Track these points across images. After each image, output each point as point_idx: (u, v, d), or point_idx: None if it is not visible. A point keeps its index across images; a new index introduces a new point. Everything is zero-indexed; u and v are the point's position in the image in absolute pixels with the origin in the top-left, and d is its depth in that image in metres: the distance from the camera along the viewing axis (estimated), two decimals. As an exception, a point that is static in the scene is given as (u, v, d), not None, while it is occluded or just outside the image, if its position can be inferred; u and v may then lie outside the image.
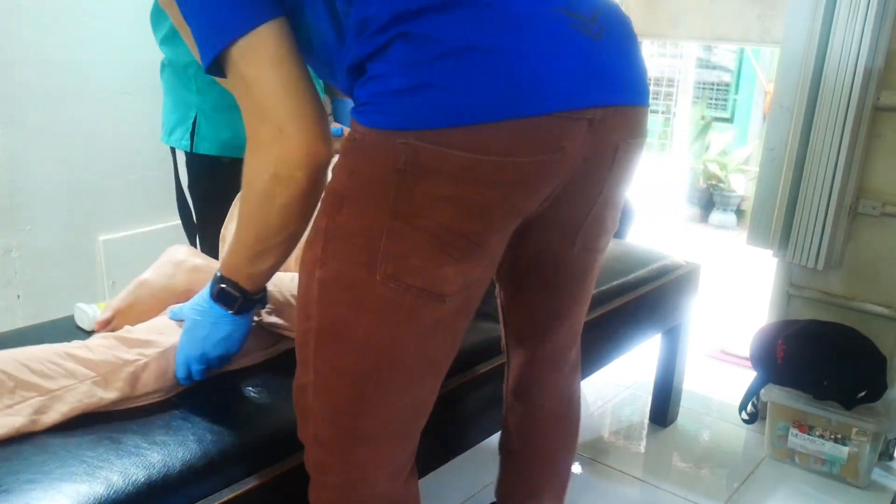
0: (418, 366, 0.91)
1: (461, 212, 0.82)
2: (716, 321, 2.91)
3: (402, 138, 0.78)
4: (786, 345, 1.90)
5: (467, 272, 0.86)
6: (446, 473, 1.46)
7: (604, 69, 0.86)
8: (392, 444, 0.94)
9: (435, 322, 0.87)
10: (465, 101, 0.77)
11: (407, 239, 0.82)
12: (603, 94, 0.85)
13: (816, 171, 1.91)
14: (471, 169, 0.79)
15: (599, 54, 0.85)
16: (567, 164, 0.86)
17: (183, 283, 1.23)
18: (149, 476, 0.92)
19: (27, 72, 1.78)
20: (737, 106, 5.57)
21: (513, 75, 0.77)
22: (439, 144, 0.77)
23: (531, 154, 0.81)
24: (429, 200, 0.80)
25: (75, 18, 1.85)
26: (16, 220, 1.82)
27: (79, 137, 1.90)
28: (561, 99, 0.80)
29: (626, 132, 0.92)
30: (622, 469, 1.91)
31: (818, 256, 1.95)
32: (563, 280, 1.08)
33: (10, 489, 0.86)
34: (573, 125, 0.83)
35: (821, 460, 1.89)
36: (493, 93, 0.77)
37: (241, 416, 1.07)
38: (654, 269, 1.88)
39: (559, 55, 0.81)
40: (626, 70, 0.90)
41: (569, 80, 0.81)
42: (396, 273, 0.83)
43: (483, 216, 0.83)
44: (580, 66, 0.82)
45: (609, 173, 0.94)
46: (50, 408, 0.99)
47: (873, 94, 1.87)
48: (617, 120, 0.89)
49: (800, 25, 1.89)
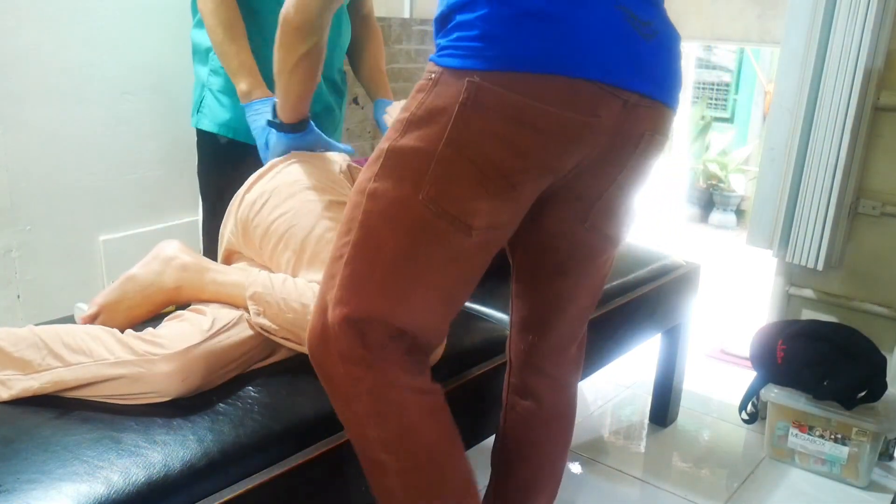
0: (436, 287, 0.98)
1: (506, 149, 0.93)
2: (716, 321, 2.91)
3: (469, 76, 0.91)
4: (786, 345, 1.90)
5: (496, 212, 0.97)
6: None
7: (646, 64, 0.98)
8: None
9: (457, 252, 0.97)
10: (525, 53, 0.90)
11: (453, 166, 0.93)
12: (642, 83, 0.97)
13: (816, 171, 1.92)
14: (520, 111, 0.91)
15: (646, 52, 0.97)
16: (598, 136, 0.97)
17: (171, 280, 1.24)
18: (149, 476, 0.92)
19: (27, 72, 1.78)
20: (737, 106, 5.57)
21: (568, 41, 0.91)
22: (497, 85, 0.90)
23: (571, 110, 0.93)
24: (479, 134, 0.92)
25: (75, 18, 1.85)
26: (16, 220, 1.81)
27: (79, 137, 1.90)
28: (605, 71, 0.93)
29: (653, 125, 1.02)
30: (622, 469, 1.91)
31: (818, 256, 1.95)
32: (574, 261, 1.14)
33: (10, 489, 0.86)
34: (610, 98, 0.94)
35: (821, 460, 1.89)
36: (549, 51, 0.91)
37: (241, 415, 1.07)
38: (654, 269, 1.88)
39: (611, 39, 0.93)
40: (666, 73, 1.02)
41: (614, 59, 0.94)
42: (437, 197, 0.93)
43: (524, 158, 0.95)
44: (626, 53, 0.95)
45: (630, 159, 1.04)
46: (66, 379, 1.06)
47: (873, 94, 1.87)
48: (648, 111, 1.00)
49: (800, 25, 1.89)
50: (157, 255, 1.27)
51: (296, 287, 1.19)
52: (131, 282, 1.24)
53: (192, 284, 1.24)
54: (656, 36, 0.98)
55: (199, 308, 1.21)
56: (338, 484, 1.11)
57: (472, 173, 0.93)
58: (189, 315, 1.19)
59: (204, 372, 1.10)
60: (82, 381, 1.06)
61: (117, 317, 1.22)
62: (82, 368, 1.06)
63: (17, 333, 1.10)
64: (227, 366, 1.14)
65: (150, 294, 1.24)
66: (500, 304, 1.53)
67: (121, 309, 1.23)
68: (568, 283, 1.16)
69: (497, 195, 0.95)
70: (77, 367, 1.06)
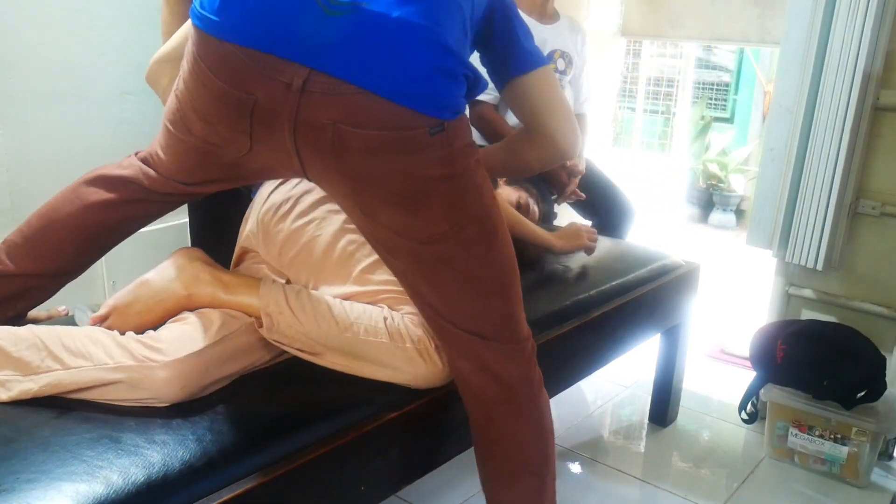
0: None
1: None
2: (716, 321, 2.91)
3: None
4: (785, 345, 1.90)
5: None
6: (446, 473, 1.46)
7: (325, 40, 0.94)
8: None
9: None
10: (205, 12, 0.99)
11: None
12: (310, 58, 0.94)
13: (816, 171, 1.91)
14: (196, 71, 1.01)
15: (328, 28, 0.93)
16: (262, 118, 1.03)
17: (184, 287, 1.22)
18: (148, 475, 0.92)
19: (27, 72, 1.78)
20: (737, 106, 5.57)
21: (229, 4, 0.95)
22: (192, 43, 1.02)
23: (223, 79, 1.00)
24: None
25: (75, 18, 1.85)
26: (16, 220, 1.81)
27: (79, 137, 1.90)
28: (253, 37, 0.95)
29: (342, 115, 0.99)
30: (622, 469, 1.91)
31: (818, 256, 1.95)
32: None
33: (10, 489, 0.86)
34: (262, 75, 0.98)
35: (820, 460, 1.89)
36: (214, 8, 0.96)
37: (241, 415, 1.07)
38: (653, 269, 1.88)
39: (273, 7, 0.94)
40: (364, 53, 0.97)
41: (270, 27, 0.94)
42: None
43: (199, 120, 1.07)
44: (291, 24, 0.94)
45: (327, 157, 1.05)
46: (64, 383, 1.06)
47: (873, 94, 1.87)
48: (330, 98, 0.98)
49: (800, 25, 1.89)
50: (173, 262, 1.25)
51: (310, 300, 1.18)
52: (144, 286, 1.22)
53: (206, 293, 1.22)
54: (353, 14, 0.92)
55: (208, 312, 1.19)
56: (337, 484, 1.11)
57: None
58: (193, 318, 1.17)
59: (204, 379, 1.09)
60: (81, 384, 1.06)
61: (128, 320, 1.19)
62: (81, 372, 1.05)
63: (17, 333, 1.09)
64: (228, 372, 1.14)
65: (161, 300, 1.21)
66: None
67: (131, 313, 1.20)
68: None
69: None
70: (76, 371, 1.06)
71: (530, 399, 1.15)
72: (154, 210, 1.24)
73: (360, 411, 1.15)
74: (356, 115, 0.94)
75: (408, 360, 1.18)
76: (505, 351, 1.11)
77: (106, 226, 1.22)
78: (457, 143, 0.99)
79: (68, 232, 1.20)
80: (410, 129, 0.95)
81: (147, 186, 1.18)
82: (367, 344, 1.17)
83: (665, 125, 4.82)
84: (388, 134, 0.95)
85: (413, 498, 1.70)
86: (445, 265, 1.06)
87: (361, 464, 1.14)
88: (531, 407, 1.15)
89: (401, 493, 1.66)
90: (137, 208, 1.21)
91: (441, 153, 0.98)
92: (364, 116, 0.94)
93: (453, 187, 1.01)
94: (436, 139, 0.97)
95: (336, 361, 1.19)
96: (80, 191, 1.20)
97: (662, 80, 4.74)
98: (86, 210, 1.19)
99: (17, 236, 1.21)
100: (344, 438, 1.10)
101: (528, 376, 1.15)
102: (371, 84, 0.92)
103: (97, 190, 1.19)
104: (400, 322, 1.19)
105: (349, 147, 0.96)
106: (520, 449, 1.16)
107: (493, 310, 1.11)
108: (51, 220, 1.20)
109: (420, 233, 1.03)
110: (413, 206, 1.01)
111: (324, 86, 0.93)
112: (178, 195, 1.21)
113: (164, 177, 1.17)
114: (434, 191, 1.00)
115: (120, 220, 1.22)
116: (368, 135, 0.95)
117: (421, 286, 1.11)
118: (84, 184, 1.21)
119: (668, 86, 4.70)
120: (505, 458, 1.17)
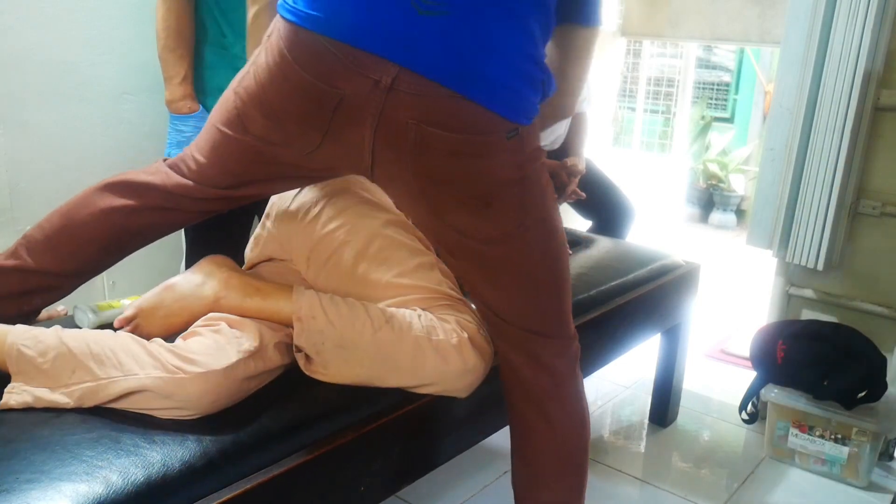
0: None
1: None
2: (716, 321, 2.91)
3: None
4: (786, 345, 1.90)
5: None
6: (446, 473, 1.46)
7: (415, 40, 0.95)
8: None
9: None
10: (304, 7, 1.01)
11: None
12: (403, 55, 0.95)
13: (816, 171, 1.91)
14: (281, 63, 1.03)
15: (420, 27, 0.94)
16: (345, 114, 1.04)
17: (211, 292, 1.19)
18: (148, 475, 0.92)
19: (27, 72, 1.78)
20: (737, 106, 5.57)
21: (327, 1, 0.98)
22: (278, 35, 1.04)
23: (310, 72, 1.02)
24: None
25: (75, 18, 1.85)
26: (16, 219, 1.81)
27: (79, 137, 1.90)
28: (349, 34, 0.95)
29: (422, 115, 1.00)
30: (622, 469, 1.91)
31: (818, 256, 1.95)
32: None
33: (9, 489, 0.86)
34: (354, 71, 0.98)
35: (821, 460, 1.89)
36: (311, 4, 0.98)
37: (241, 416, 1.07)
38: (653, 269, 1.88)
39: (368, 5, 0.94)
40: (451, 55, 0.98)
41: (365, 25, 0.95)
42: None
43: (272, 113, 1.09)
44: (387, 23, 0.94)
45: (409, 156, 1.06)
46: (96, 394, 1.03)
47: (873, 94, 1.87)
48: (413, 98, 0.99)
49: (800, 25, 1.89)
50: (201, 268, 1.22)
51: (344, 302, 1.17)
52: (169, 290, 1.19)
53: (234, 298, 1.19)
54: (446, 16, 0.92)
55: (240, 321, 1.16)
56: (337, 484, 1.11)
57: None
58: (225, 327, 1.13)
59: (235, 393, 1.07)
60: (112, 396, 1.03)
61: (154, 323, 1.17)
62: (112, 384, 1.03)
63: (44, 341, 1.06)
64: (259, 385, 1.12)
65: (187, 304, 1.18)
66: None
67: (157, 316, 1.18)
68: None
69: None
70: (106, 383, 1.03)
71: (577, 395, 1.19)
72: (179, 219, 1.23)
73: (360, 411, 1.15)
74: (442, 116, 0.95)
75: (442, 359, 1.16)
76: (556, 346, 1.15)
77: (128, 231, 1.20)
78: (528, 148, 1.02)
79: (90, 234, 1.18)
80: (492, 133, 0.97)
81: (173, 194, 1.16)
82: (401, 342, 1.15)
83: (665, 125, 4.82)
84: (471, 137, 0.97)
85: (413, 498, 1.70)
86: (507, 265, 1.09)
87: (361, 464, 1.14)
88: (578, 403, 1.19)
89: (401, 493, 1.66)
90: (160, 216, 1.20)
91: (514, 157, 1.00)
92: (450, 119, 0.95)
93: (522, 190, 1.04)
94: (511, 143, 0.99)
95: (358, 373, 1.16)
96: (102, 194, 1.18)
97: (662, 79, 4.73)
98: (107, 214, 1.17)
99: (38, 232, 1.20)
100: (344, 438, 1.09)
101: (575, 372, 1.18)
102: (461, 87, 0.93)
103: (120, 195, 1.17)
104: (433, 319, 1.18)
105: (431, 148, 0.97)
106: (566, 445, 1.19)
107: (548, 308, 1.13)
108: (72, 221, 1.19)
109: (486, 233, 1.05)
110: (483, 207, 1.02)
111: (412, 85, 0.93)
112: (207, 201, 1.19)
113: (198, 183, 1.15)
114: (504, 193, 1.02)
115: (143, 226, 1.21)
116: (452, 137, 0.96)
117: (480, 285, 1.12)
118: (107, 187, 1.19)
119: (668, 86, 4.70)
120: (552, 455, 1.19)
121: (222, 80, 1.72)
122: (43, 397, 1.04)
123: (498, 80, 0.95)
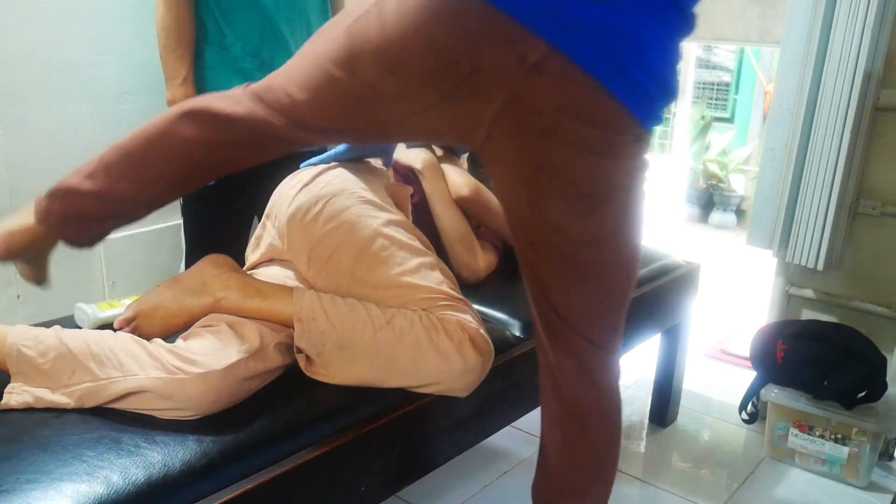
0: None
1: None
2: (716, 321, 2.91)
3: None
4: (786, 345, 1.90)
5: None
6: (446, 473, 1.46)
7: (579, 23, 0.88)
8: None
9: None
10: None
11: None
12: (560, 35, 0.89)
13: (816, 171, 1.91)
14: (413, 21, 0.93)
15: (587, 12, 0.88)
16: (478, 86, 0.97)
17: (212, 294, 1.19)
18: (149, 476, 0.92)
19: (27, 72, 1.79)
20: (737, 106, 5.57)
21: None
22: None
23: (446, 32, 0.93)
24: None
25: (75, 18, 1.85)
26: (16, 219, 1.81)
27: (79, 137, 1.90)
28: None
29: (566, 102, 0.95)
30: (622, 469, 1.91)
31: (818, 256, 1.95)
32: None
33: (10, 489, 0.86)
34: (502, 42, 0.91)
35: (821, 460, 1.89)
36: None
37: (241, 416, 1.07)
38: (653, 269, 1.88)
39: None
40: (612, 45, 0.93)
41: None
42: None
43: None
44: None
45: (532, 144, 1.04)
46: (96, 394, 1.04)
47: (873, 94, 1.87)
48: (558, 81, 0.94)
49: (800, 25, 1.89)
50: (201, 269, 1.22)
51: (345, 302, 1.17)
52: (170, 291, 1.20)
53: (234, 299, 1.19)
54: (608, 6, 0.85)
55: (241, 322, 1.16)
56: (337, 484, 1.11)
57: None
58: (225, 328, 1.14)
59: (235, 394, 1.07)
60: (112, 396, 1.03)
61: (154, 324, 1.17)
62: (112, 385, 1.03)
63: (44, 341, 1.06)
64: (259, 385, 1.12)
65: (187, 305, 1.19)
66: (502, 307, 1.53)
67: (157, 317, 1.18)
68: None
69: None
70: (107, 384, 1.03)
71: (618, 411, 1.17)
72: (257, 156, 1.11)
73: (360, 411, 1.15)
74: (584, 108, 0.89)
75: (442, 359, 1.16)
76: (608, 361, 1.12)
77: (205, 166, 1.11)
78: (643, 155, 0.99)
79: (167, 166, 1.09)
80: (623, 134, 0.93)
81: (255, 130, 1.03)
82: (402, 342, 1.15)
83: (665, 125, 4.82)
84: (604, 136, 0.92)
85: (413, 498, 1.70)
86: (593, 270, 1.04)
87: (361, 464, 1.14)
88: (618, 419, 1.17)
89: (401, 493, 1.66)
90: (240, 153, 1.09)
91: (632, 163, 0.97)
92: (591, 112, 0.89)
93: (629, 196, 1.00)
94: (634, 148, 0.95)
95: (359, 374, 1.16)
96: (183, 122, 1.06)
97: (662, 79, 4.73)
98: (187, 147, 1.07)
99: (116, 155, 1.10)
100: (344, 438, 1.10)
101: (617, 389, 1.16)
102: (610, 82, 0.87)
103: (201, 126, 1.05)
104: (434, 320, 1.18)
105: (560, 139, 0.91)
106: (600, 458, 1.18)
107: (614, 321, 1.10)
108: (151, 148, 1.08)
109: (583, 234, 1.00)
110: (589, 207, 0.98)
111: (559, 69, 0.86)
112: (290, 143, 1.08)
113: (288, 118, 1.01)
114: (614, 197, 0.99)
115: (221, 161, 1.10)
116: (588, 133, 0.91)
117: (554, 283, 1.07)
118: (188, 115, 1.06)
119: (668, 86, 4.70)
120: (586, 469, 1.19)
121: (222, 80, 1.72)
122: (43, 398, 1.04)
123: (642, 83, 0.90)
